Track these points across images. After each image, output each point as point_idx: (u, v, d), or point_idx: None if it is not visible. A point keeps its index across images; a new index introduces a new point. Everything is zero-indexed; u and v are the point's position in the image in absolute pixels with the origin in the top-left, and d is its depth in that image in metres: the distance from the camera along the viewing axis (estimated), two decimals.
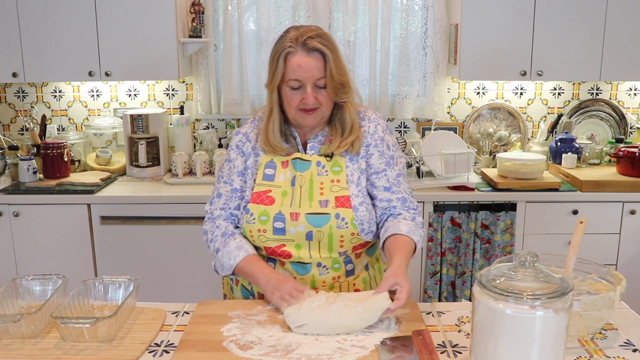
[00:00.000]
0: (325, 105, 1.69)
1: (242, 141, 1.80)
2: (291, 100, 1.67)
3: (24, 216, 2.99)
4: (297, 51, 1.63)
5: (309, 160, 1.74)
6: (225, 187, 1.79)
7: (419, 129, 3.55)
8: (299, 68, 1.63)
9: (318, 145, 1.76)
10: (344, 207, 1.69)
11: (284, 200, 1.70)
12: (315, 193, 1.70)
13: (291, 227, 1.68)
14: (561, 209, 2.99)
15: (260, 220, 1.69)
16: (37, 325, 1.46)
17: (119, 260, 3.03)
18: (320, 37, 1.65)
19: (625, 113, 3.50)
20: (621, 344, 1.44)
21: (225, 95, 3.43)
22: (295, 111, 1.68)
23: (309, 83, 1.64)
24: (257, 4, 3.36)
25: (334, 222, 1.68)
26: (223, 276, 1.78)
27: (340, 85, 1.68)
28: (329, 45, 1.65)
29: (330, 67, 1.64)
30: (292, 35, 1.65)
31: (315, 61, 1.63)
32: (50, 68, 3.16)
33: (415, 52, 3.43)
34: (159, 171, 3.35)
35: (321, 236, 1.68)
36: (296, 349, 1.39)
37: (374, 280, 1.81)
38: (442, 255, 3.05)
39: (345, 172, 1.73)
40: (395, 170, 1.78)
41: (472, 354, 1.24)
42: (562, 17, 3.08)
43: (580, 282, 1.54)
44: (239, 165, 1.78)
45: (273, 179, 1.74)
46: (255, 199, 1.72)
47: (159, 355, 1.41)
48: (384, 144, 1.78)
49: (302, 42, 1.63)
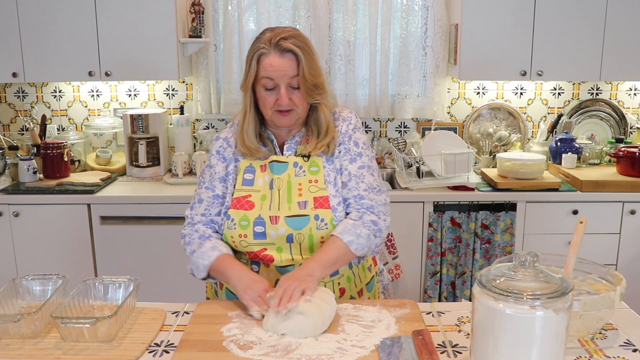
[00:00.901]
0: (300, 107, 1.68)
1: (223, 147, 1.80)
2: (266, 100, 1.67)
3: (24, 216, 2.99)
4: (270, 52, 1.63)
5: (285, 162, 1.74)
6: (207, 193, 1.78)
7: (419, 129, 3.55)
8: (271, 68, 1.63)
9: (295, 146, 1.76)
10: (323, 208, 1.69)
11: (263, 204, 1.71)
12: (293, 194, 1.71)
13: (271, 231, 1.68)
14: (561, 209, 2.99)
15: (241, 226, 1.70)
16: (37, 325, 1.46)
17: (119, 260, 3.03)
18: (294, 38, 1.65)
19: (625, 113, 3.50)
20: (621, 344, 1.44)
21: (225, 95, 3.43)
22: (272, 112, 1.69)
23: (283, 83, 1.65)
24: (257, 4, 3.36)
25: (313, 224, 1.68)
26: (201, 279, 1.75)
27: (314, 87, 1.67)
28: (303, 46, 1.65)
29: (302, 68, 1.64)
30: (266, 36, 1.65)
31: (289, 61, 1.63)
32: (50, 68, 3.16)
33: (415, 52, 3.43)
34: (159, 171, 3.35)
35: (301, 238, 1.68)
36: (296, 349, 1.39)
37: (358, 278, 1.80)
38: (442, 255, 3.05)
39: (322, 172, 1.73)
40: (357, 164, 1.75)
41: (472, 354, 1.24)
42: (562, 17, 3.08)
43: (580, 282, 1.53)
44: (220, 171, 1.78)
45: (252, 184, 1.74)
46: (235, 205, 1.72)
47: (159, 355, 1.41)
48: (351, 141, 1.77)
49: (275, 43, 1.63)
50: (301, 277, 1.55)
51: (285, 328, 1.45)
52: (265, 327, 1.49)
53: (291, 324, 1.44)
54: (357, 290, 1.79)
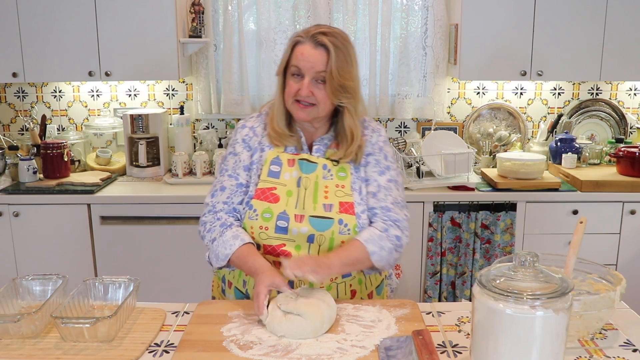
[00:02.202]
0: (322, 104, 1.67)
1: (249, 135, 1.79)
2: (289, 87, 1.68)
3: (24, 216, 2.99)
4: (305, 42, 1.66)
5: (315, 163, 1.73)
6: (230, 181, 1.76)
7: (419, 129, 3.54)
8: (302, 57, 1.65)
9: (324, 148, 1.76)
10: (348, 214, 1.69)
11: (289, 200, 1.69)
12: (319, 196, 1.70)
13: (294, 228, 1.67)
14: (561, 209, 2.99)
15: (264, 218, 1.68)
16: (37, 325, 1.46)
17: (119, 260, 3.03)
18: (332, 36, 1.65)
19: (625, 113, 3.50)
20: (621, 344, 1.44)
21: (225, 95, 3.43)
22: (292, 101, 1.68)
23: (309, 74, 1.65)
24: (257, 4, 3.36)
25: (336, 228, 1.67)
26: (217, 268, 1.72)
27: (341, 87, 1.66)
28: (339, 45, 1.65)
29: (331, 65, 1.63)
30: (309, 28, 1.69)
31: (319, 54, 1.64)
32: (50, 68, 3.16)
33: (415, 52, 3.43)
34: (159, 171, 3.35)
35: (322, 240, 1.68)
36: (296, 349, 1.39)
37: (369, 281, 1.80)
38: (442, 255, 3.05)
39: (350, 178, 1.73)
40: (386, 177, 1.76)
41: (472, 354, 1.24)
42: (562, 17, 3.08)
43: (580, 282, 1.54)
44: (245, 159, 1.77)
45: (278, 177, 1.72)
46: (259, 195, 1.70)
47: (159, 355, 1.41)
48: (382, 153, 1.78)
49: (312, 35, 1.65)
50: (320, 262, 1.55)
51: (283, 330, 1.44)
52: (267, 327, 1.48)
53: (290, 326, 1.44)
54: (367, 292, 1.79)
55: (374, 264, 1.67)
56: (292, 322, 1.45)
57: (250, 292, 1.76)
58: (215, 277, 1.92)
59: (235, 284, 1.80)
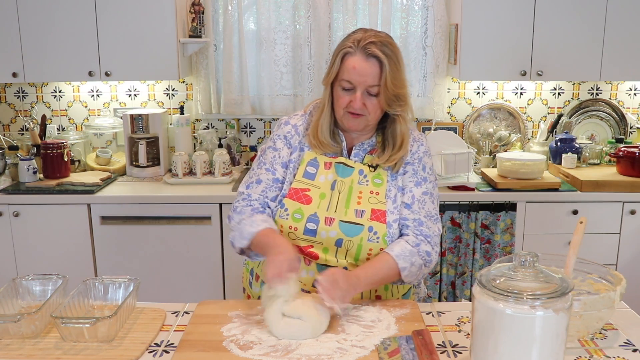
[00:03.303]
0: (372, 114, 1.65)
1: (291, 133, 1.77)
2: (340, 99, 1.65)
3: (24, 216, 2.99)
4: (356, 53, 1.61)
5: (352, 167, 1.72)
6: (267, 175, 1.74)
7: (419, 129, 3.55)
8: (354, 70, 1.61)
9: (363, 154, 1.74)
10: (379, 222, 1.67)
11: (322, 202, 1.68)
12: (352, 201, 1.68)
13: (323, 231, 1.66)
14: (561, 209, 2.99)
15: (294, 218, 1.67)
16: (37, 325, 1.46)
17: (119, 260, 3.03)
18: (383, 45, 1.61)
19: (625, 113, 3.50)
20: (621, 344, 1.44)
21: (225, 95, 3.43)
22: (343, 112, 1.66)
23: (360, 88, 1.62)
24: (257, 4, 3.36)
25: (365, 235, 1.66)
26: (238, 247, 1.70)
27: (395, 97, 1.64)
28: (390, 54, 1.61)
29: (385, 77, 1.60)
30: (356, 36, 1.63)
31: (372, 67, 1.60)
32: (50, 68, 3.16)
33: (415, 52, 3.43)
34: (159, 171, 3.35)
35: (350, 245, 1.66)
36: (296, 349, 1.39)
37: (396, 288, 1.78)
38: (442, 255, 3.05)
39: (385, 186, 1.71)
40: (421, 189, 1.73)
41: (472, 354, 1.24)
42: (562, 17, 3.08)
43: (580, 282, 1.54)
44: (284, 156, 1.75)
45: (314, 178, 1.71)
46: (292, 195, 1.69)
47: (159, 355, 1.41)
48: (421, 164, 1.75)
49: (363, 46, 1.60)
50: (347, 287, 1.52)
51: (282, 333, 1.44)
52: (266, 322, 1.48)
53: (290, 329, 1.44)
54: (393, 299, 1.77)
55: (404, 280, 1.66)
56: (291, 325, 1.44)
57: None
58: (244, 269, 1.91)
59: (262, 277, 1.77)
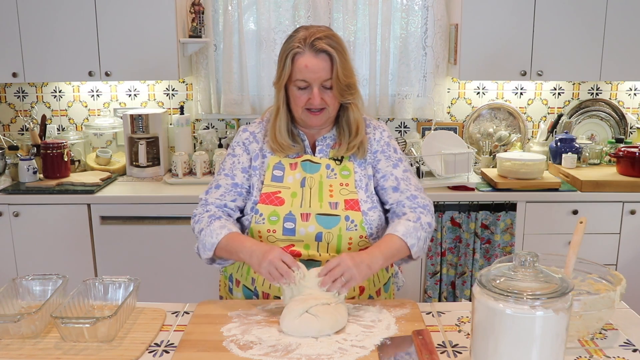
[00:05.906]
0: (331, 106, 1.71)
1: (249, 140, 1.81)
2: (298, 99, 1.69)
3: (24, 216, 2.99)
4: (305, 52, 1.65)
5: (318, 163, 1.76)
6: (225, 180, 1.78)
7: (419, 129, 3.54)
8: (306, 69, 1.64)
9: (327, 149, 1.78)
10: (354, 210, 1.70)
11: (294, 201, 1.71)
12: (324, 195, 1.72)
13: (301, 228, 1.68)
14: (561, 209, 2.99)
15: (270, 221, 1.70)
16: (37, 325, 1.46)
17: (119, 260, 3.03)
18: (328, 39, 1.66)
19: (625, 113, 3.50)
20: (621, 344, 1.44)
21: (225, 95, 3.43)
22: (302, 110, 1.70)
23: (316, 84, 1.66)
24: (257, 4, 3.36)
25: (343, 224, 1.69)
26: (205, 258, 1.72)
27: (347, 87, 1.69)
28: (337, 46, 1.66)
29: (337, 69, 1.65)
30: (301, 35, 1.66)
31: (323, 62, 1.65)
32: (50, 68, 3.16)
33: (415, 52, 3.43)
34: (159, 171, 3.35)
35: (330, 237, 1.69)
36: (296, 349, 1.39)
37: (377, 277, 1.80)
38: (442, 255, 3.05)
39: (353, 176, 1.75)
40: (401, 169, 1.79)
41: (472, 354, 1.24)
42: (562, 17, 3.08)
43: (580, 282, 1.54)
44: (244, 161, 1.79)
45: (282, 180, 1.74)
46: (264, 200, 1.72)
47: (159, 355, 1.41)
48: (390, 148, 1.81)
49: (310, 43, 1.64)
50: (360, 265, 1.54)
51: (293, 330, 1.44)
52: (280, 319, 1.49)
53: (302, 325, 1.45)
54: (375, 289, 1.80)
55: (413, 256, 1.69)
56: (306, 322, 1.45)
57: (259, 289, 1.75)
58: (221, 277, 1.92)
59: (243, 282, 1.79)
